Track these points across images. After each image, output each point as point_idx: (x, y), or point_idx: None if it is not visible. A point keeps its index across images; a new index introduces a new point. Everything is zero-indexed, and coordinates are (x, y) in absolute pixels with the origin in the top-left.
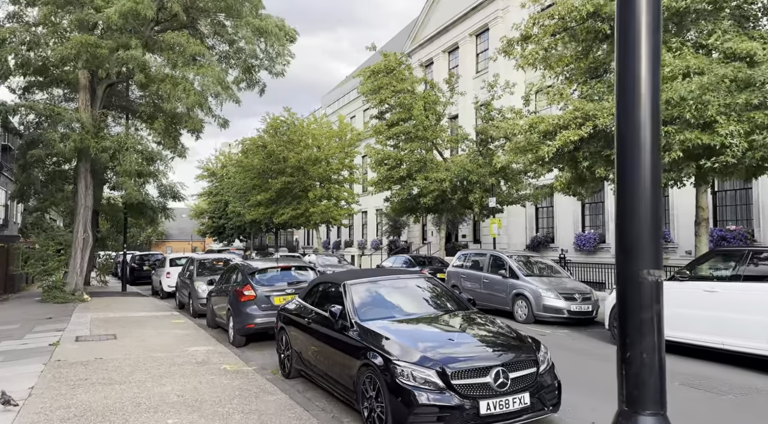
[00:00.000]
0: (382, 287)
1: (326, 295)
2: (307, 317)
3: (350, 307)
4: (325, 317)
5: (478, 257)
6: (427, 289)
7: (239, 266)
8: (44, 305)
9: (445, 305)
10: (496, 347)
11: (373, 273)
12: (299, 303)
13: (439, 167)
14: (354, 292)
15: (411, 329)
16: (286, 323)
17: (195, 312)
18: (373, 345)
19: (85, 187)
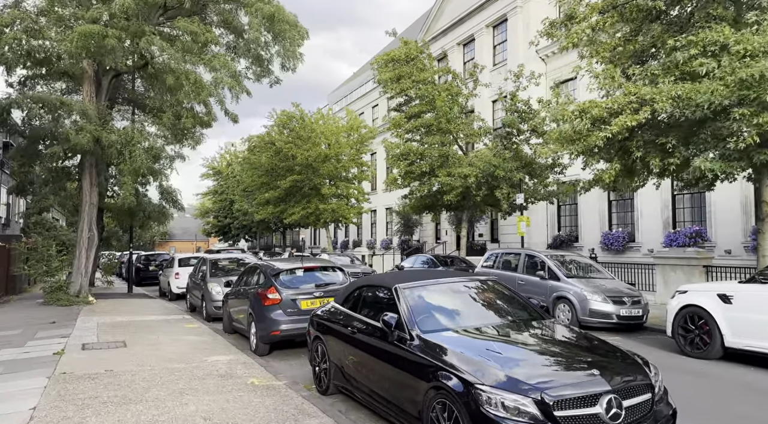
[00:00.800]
0: (441, 291)
1: (372, 300)
2: (350, 326)
3: (407, 315)
4: (374, 326)
5: (510, 256)
6: (491, 293)
7: (260, 266)
8: (47, 308)
9: (516, 313)
10: (600, 367)
11: (423, 275)
12: (337, 309)
13: (461, 162)
14: (409, 297)
15: (488, 344)
16: (323, 332)
17: (209, 316)
18: (445, 363)
19: (90, 184)
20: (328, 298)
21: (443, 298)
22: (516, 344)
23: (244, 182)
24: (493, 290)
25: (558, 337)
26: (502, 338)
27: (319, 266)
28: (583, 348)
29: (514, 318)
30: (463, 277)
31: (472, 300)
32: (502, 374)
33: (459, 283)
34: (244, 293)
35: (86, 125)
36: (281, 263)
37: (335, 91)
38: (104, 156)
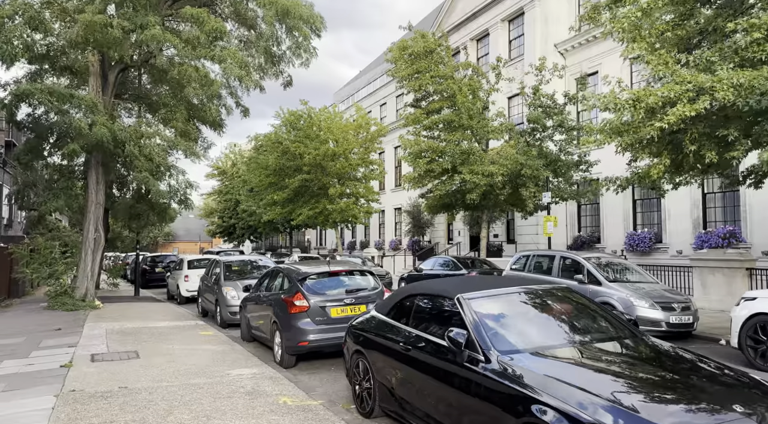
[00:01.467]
0: (511, 302)
1: (428, 312)
2: (401, 341)
3: (479, 332)
4: (435, 344)
5: (543, 259)
6: (568, 303)
7: (284, 270)
8: (51, 313)
9: (603, 327)
10: (741, 401)
11: (482, 283)
12: (381, 320)
13: (483, 160)
14: (477, 310)
15: (587, 370)
16: (366, 346)
17: (223, 322)
18: (538, 394)
19: (96, 182)
20: (360, 305)
21: (515, 310)
22: (621, 369)
23: (250, 182)
24: (569, 299)
25: (666, 359)
26: (601, 362)
27: (348, 270)
28: (705, 375)
29: (604, 334)
30: (531, 284)
31: (548, 312)
32: (620, 412)
33: (529, 292)
34: (265, 299)
35: (99, 118)
36: (306, 267)
37: (341, 90)
38: (115, 152)
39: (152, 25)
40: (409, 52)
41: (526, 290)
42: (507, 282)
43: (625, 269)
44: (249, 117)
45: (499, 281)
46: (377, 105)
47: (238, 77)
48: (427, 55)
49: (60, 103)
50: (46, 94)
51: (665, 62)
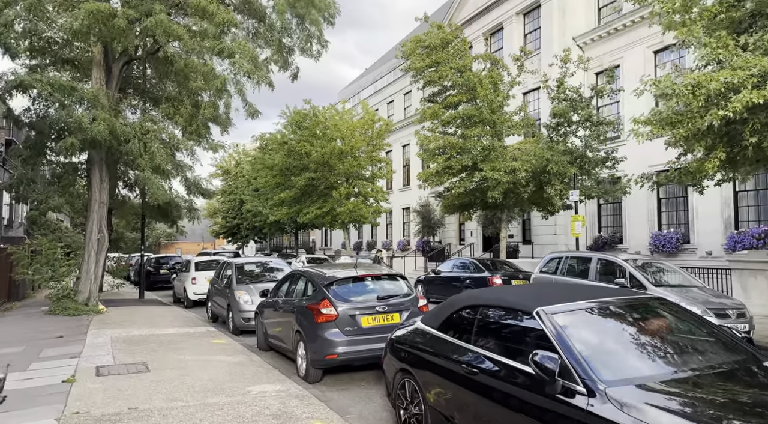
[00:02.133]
0: (603, 316)
1: (497, 327)
2: (464, 363)
3: (575, 356)
4: (513, 368)
5: (577, 261)
6: (672, 317)
7: (306, 273)
8: (53, 318)
9: (718, 349)
10: None
11: (559, 291)
12: (434, 335)
13: (505, 156)
14: (566, 328)
15: (725, 411)
16: (414, 365)
17: (236, 328)
18: None
19: (100, 180)
20: (393, 313)
21: (610, 327)
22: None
23: (256, 183)
24: (668, 312)
25: None
26: (742, 400)
27: (378, 274)
28: None
29: (722, 358)
30: (622, 294)
31: (652, 330)
32: None
33: (621, 304)
34: (285, 306)
35: (101, 113)
36: (331, 270)
37: (345, 88)
38: (118, 149)
39: (158, 12)
40: (425, 44)
41: (618, 303)
42: (584, 292)
43: (666, 271)
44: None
45: (574, 291)
46: (384, 103)
47: (248, 73)
48: (444, 46)
49: (61, 96)
50: (47, 85)
51: (725, 45)
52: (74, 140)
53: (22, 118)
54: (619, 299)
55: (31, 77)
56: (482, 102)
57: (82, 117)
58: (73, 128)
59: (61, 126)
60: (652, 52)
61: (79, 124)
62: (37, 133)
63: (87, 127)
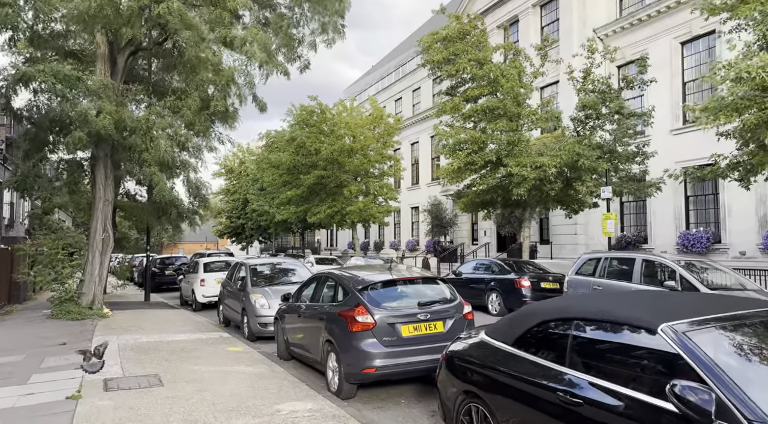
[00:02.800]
0: (750, 335)
1: (603, 347)
2: (560, 390)
3: (732, 390)
4: (640, 402)
5: (619, 262)
6: None
7: (336, 276)
8: (55, 323)
9: None
10: None
11: (676, 301)
12: (508, 353)
13: (529, 151)
14: (710, 350)
15: None
16: (485, 388)
17: (252, 334)
18: None
19: (105, 177)
20: (435, 322)
21: (759, 349)
22: None
23: (262, 181)
24: None
25: None
26: None
27: (417, 277)
28: None
29: None
30: (756, 306)
31: None
32: None
33: (759, 317)
34: (310, 312)
35: (106, 106)
36: (364, 273)
37: (351, 86)
38: (124, 144)
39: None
40: (443, 36)
41: (749, 314)
42: (704, 302)
43: (714, 272)
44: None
45: (690, 301)
46: (391, 100)
47: (262, 62)
48: (462, 38)
49: (65, 87)
50: (50, 76)
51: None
52: (81, 134)
53: (23, 112)
54: (757, 312)
55: (33, 68)
56: (505, 94)
57: (88, 110)
58: (78, 122)
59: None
60: (679, 43)
61: (85, 117)
62: (38, 129)
63: (92, 120)
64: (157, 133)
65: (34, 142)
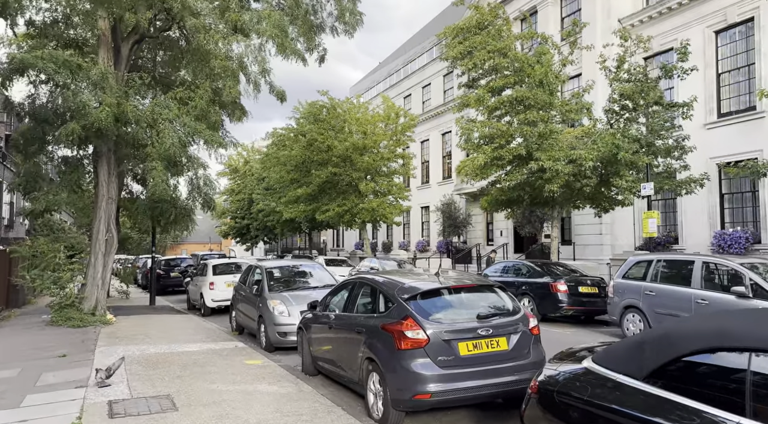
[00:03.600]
0: None
1: None
2: None
3: None
4: None
5: (674, 264)
6: None
7: (372, 281)
8: (55, 330)
9: None
10: None
11: None
12: (636, 389)
13: (561, 144)
14: None
15: None
16: None
17: (270, 344)
18: None
19: (108, 174)
20: (498, 338)
21: None
22: None
23: (270, 179)
24: None
25: None
26: None
27: (473, 285)
28: None
29: None
30: None
31: None
32: None
33: None
34: (343, 323)
35: (107, 98)
36: (407, 278)
37: (358, 84)
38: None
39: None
40: (464, 26)
41: None
42: None
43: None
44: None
45: None
46: (400, 97)
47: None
48: (484, 28)
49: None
50: (50, 62)
51: None
52: (75, 126)
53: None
54: None
55: (31, 55)
56: (536, 83)
57: (88, 101)
58: (76, 114)
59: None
60: (713, 32)
61: (84, 108)
62: (36, 123)
63: (91, 112)
64: (163, 126)
65: (34, 139)
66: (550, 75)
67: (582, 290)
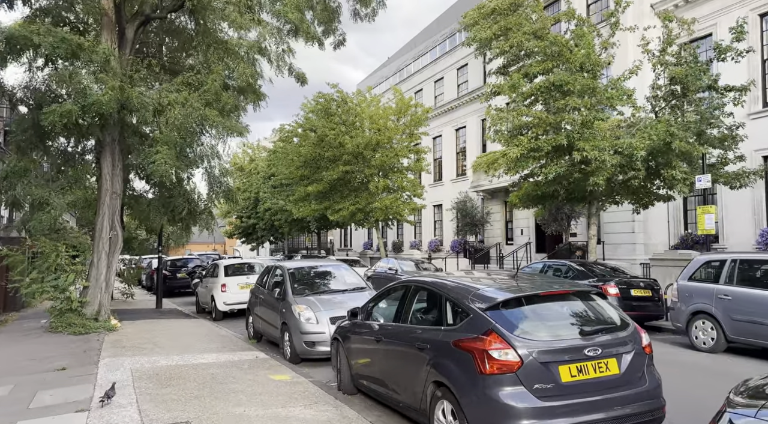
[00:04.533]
0: None
1: None
2: None
3: None
4: None
5: (754, 266)
6: None
7: (440, 286)
8: (54, 338)
9: None
10: None
11: None
12: None
13: (604, 133)
14: None
15: None
16: None
17: (295, 355)
18: None
19: (112, 167)
20: (607, 359)
21: None
22: None
23: (279, 175)
24: None
25: None
26: None
27: (567, 291)
28: None
29: None
30: None
31: None
32: None
33: None
34: (397, 335)
35: (109, 80)
36: (482, 283)
37: (365, 80)
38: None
39: None
40: (492, 7)
41: None
42: None
43: None
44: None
45: None
46: (411, 92)
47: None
48: (515, 10)
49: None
50: (48, 37)
51: None
52: (73, 107)
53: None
54: None
55: (27, 29)
56: (575, 68)
57: (89, 84)
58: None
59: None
60: (758, 15)
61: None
62: (30, 111)
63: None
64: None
65: (26, 130)
66: (593, 57)
67: (634, 293)
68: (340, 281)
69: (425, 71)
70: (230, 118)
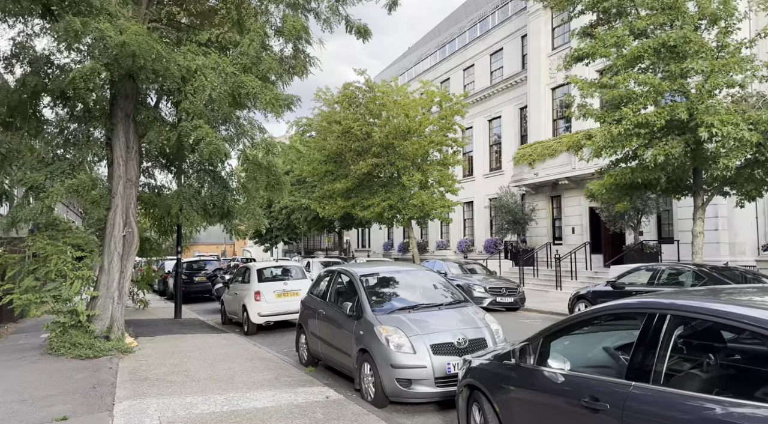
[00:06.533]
0: None
1: None
2: None
3: None
4: None
5: None
6: None
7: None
8: (54, 364)
9: None
10: None
11: None
12: None
13: (730, 107)
14: None
15: None
16: None
17: (383, 395)
18: None
19: (126, 148)
20: None
21: None
22: None
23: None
24: None
25: None
26: None
27: None
28: None
29: None
30: None
31: None
32: None
33: None
34: (648, 402)
35: (131, 26)
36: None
37: (382, 72)
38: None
39: None
40: None
41: None
42: None
43: None
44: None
45: None
46: (437, 82)
47: None
48: None
49: None
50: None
51: None
52: (95, 65)
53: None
54: None
55: None
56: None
57: (105, 30)
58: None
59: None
60: None
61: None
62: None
63: (112, 39)
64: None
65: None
66: (721, 11)
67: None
68: (428, 291)
69: (453, 59)
70: (272, 89)
